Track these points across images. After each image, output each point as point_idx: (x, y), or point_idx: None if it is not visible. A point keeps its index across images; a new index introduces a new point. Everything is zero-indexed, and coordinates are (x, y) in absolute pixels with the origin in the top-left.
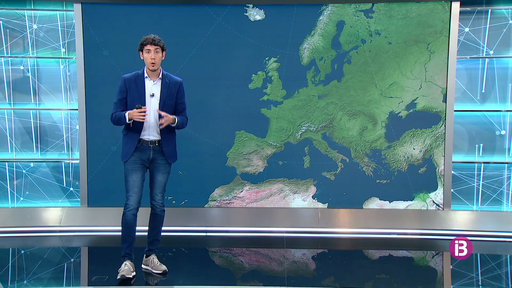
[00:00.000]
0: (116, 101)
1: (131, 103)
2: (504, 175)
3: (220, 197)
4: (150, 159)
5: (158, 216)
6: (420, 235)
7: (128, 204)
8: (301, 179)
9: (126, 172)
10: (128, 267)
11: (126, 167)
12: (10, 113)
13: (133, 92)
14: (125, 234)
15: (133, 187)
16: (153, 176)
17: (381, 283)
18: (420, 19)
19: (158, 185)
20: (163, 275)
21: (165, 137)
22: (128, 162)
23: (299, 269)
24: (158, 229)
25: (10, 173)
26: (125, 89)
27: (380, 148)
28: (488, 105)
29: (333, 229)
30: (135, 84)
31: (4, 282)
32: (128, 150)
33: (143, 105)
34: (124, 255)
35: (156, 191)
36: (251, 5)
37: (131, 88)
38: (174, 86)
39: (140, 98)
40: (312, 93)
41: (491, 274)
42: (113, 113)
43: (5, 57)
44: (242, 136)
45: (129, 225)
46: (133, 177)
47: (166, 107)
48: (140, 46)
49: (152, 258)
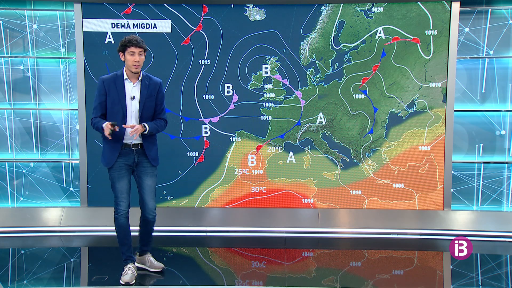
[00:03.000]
0: (96, 105)
1: (111, 106)
2: (504, 175)
3: (220, 197)
4: (136, 162)
5: (151, 222)
6: (420, 235)
7: (119, 209)
8: (301, 179)
9: (112, 179)
10: (132, 272)
11: (112, 174)
12: (10, 113)
13: (112, 95)
14: (122, 238)
15: (122, 193)
16: (142, 181)
17: (381, 283)
18: (420, 19)
19: (148, 190)
20: (161, 273)
21: (147, 140)
22: (113, 168)
23: (299, 269)
24: (151, 232)
25: (10, 173)
26: (104, 92)
27: (380, 148)
28: (488, 105)
29: (333, 229)
30: (115, 86)
31: (4, 282)
32: (112, 155)
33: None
34: (126, 258)
35: (147, 197)
36: (251, 5)
37: (111, 90)
38: (154, 87)
39: (121, 100)
40: (312, 93)
41: (491, 274)
42: (93, 118)
43: (5, 57)
44: (242, 136)
45: (124, 228)
46: (120, 183)
47: (146, 109)
48: (121, 47)
49: (148, 257)
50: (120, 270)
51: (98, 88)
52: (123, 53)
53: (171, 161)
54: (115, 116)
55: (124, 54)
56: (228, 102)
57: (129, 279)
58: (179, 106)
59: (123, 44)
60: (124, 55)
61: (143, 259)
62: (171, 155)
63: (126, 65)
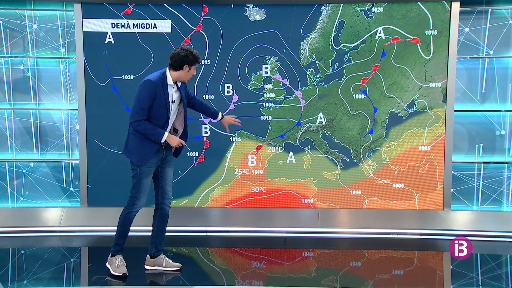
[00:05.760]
0: (145, 107)
1: (157, 109)
2: (504, 175)
3: (220, 197)
4: (163, 157)
5: (167, 216)
6: (420, 235)
7: (137, 205)
8: (301, 179)
9: (141, 174)
10: (123, 263)
11: (142, 169)
12: (10, 113)
13: (160, 99)
14: (124, 231)
15: (145, 189)
16: (165, 173)
17: (381, 283)
18: (420, 19)
19: (170, 180)
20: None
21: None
22: (146, 164)
23: (299, 269)
24: (165, 229)
25: (10, 173)
26: (154, 95)
27: (380, 148)
28: (488, 105)
29: (333, 229)
30: (162, 90)
31: (4, 282)
32: (147, 154)
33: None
34: (120, 249)
35: (169, 188)
36: (251, 5)
37: (158, 94)
38: (184, 88)
39: (167, 104)
40: (312, 93)
41: (491, 274)
42: (140, 120)
43: (5, 57)
44: (242, 136)
45: (131, 223)
46: (148, 179)
47: (184, 110)
48: (192, 61)
49: (164, 258)
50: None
51: (147, 90)
52: (190, 66)
53: None
54: (159, 120)
55: (190, 68)
56: (228, 102)
57: (125, 270)
58: None
59: (195, 59)
60: (189, 68)
61: (157, 261)
62: None
63: (181, 75)
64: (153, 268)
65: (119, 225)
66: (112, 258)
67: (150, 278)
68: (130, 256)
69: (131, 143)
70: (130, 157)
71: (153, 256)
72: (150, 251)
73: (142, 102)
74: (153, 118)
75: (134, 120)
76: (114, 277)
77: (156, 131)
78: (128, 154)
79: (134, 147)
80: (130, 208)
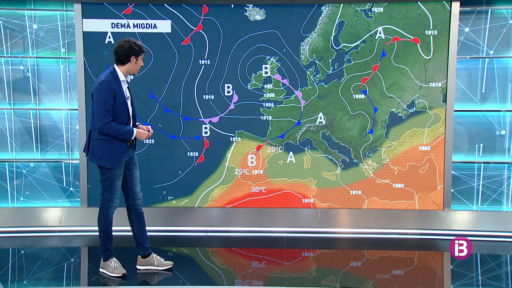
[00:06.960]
0: (108, 108)
1: (118, 108)
2: (504, 175)
3: (220, 197)
4: (131, 157)
5: (143, 214)
6: (420, 235)
7: (112, 207)
8: (301, 179)
9: (113, 177)
10: (119, 264)
11: (114, 172)
12: (10, 113)
13: (118, 97)
14: (108, 234)
15: (118, 190)
16: (132, 174)
17: (381, 283)
18: (420, 19)
19: (137, 180)
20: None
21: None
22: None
23: (299, 269)
24: (145, 225)
25: (10, 173)
26: (113, 95)
27: (380, 148)
28: (488, 105)
29: (333, 229)
30: (118, 87)
31: (4, 282)
32: (118, 155)
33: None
34: (111, 253)
35: (138, 188)
36: (251, 5)
37: (117, 92)
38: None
39: (125, 102)
40: (312, 93)
41: (491, 274)
42: (109, 122)
43: (5, 57)
44: (242, 136)
45: (111, 224)
46: (119, 181)
47: (132, 105)
48: (138, 52)
49: (155, 257)
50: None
51: (106, 91)
52: (137, 57)
53: (171, 161)
54: (121, 118)
55: (137, 58)
56: (228, 102)
57: (123, 270)
58: (179, 106)
59: (139, 49)
60: (137, 59)
61: (149, 260)
62: (171, 155)
63: (130, 68)
64: (146, 267)
65: (100, 230)
66: (105, 262)
67: (150, 278)
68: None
69: (98, 149)
70: (100, 162)
71: (145, 256)
72: (139, 252)
73: (105, 103)
74: (117, 117)
75: (103, 123)
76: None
77: (126, 129)
78: (98, 160)
79: (103, 151)
80: (106, 211)
